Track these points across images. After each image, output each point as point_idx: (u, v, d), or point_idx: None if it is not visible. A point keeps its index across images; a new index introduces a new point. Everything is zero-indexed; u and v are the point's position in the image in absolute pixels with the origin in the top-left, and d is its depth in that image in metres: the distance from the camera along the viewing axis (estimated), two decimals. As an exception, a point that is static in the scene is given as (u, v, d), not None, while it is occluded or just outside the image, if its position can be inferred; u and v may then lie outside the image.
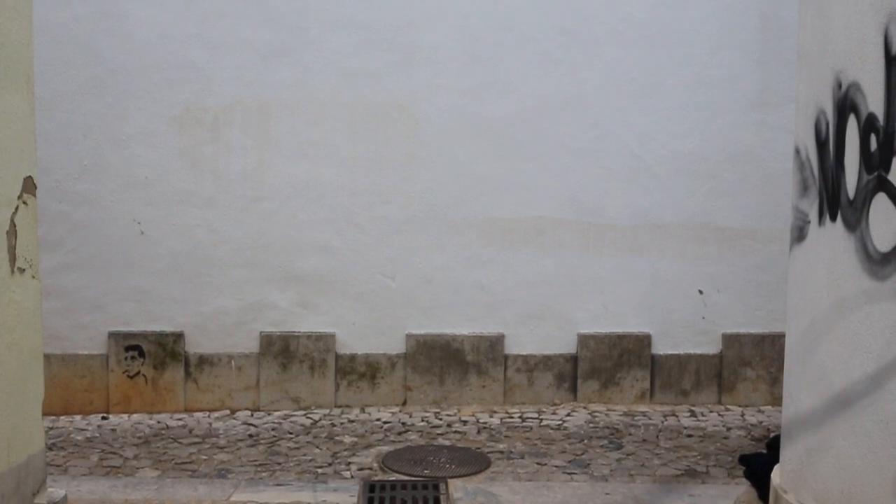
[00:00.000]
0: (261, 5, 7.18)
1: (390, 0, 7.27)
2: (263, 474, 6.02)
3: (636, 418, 7.24)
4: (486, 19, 7.32)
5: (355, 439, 6.74)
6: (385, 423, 7.12)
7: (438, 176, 7.38)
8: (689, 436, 6.90)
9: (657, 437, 6.87)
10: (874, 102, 3.56)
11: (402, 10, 7.28)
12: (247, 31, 7.18)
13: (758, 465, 5.55)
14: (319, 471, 6.11)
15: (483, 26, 7.32)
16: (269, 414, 7.26)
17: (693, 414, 7.38)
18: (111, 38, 6.94)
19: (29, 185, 4.79)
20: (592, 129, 7.42)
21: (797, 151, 4.48)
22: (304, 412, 7.27)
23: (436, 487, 5.80)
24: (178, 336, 7.29)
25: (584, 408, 7.45)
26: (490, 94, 7.37)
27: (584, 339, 7.55)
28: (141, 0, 6.98)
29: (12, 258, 4.60)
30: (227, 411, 7.33)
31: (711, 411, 7.45)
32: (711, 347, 7.61)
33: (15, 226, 4.63)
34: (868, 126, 3.62)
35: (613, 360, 7.55)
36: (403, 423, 7.11)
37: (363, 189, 7.35)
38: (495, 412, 7.37)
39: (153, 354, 7.27)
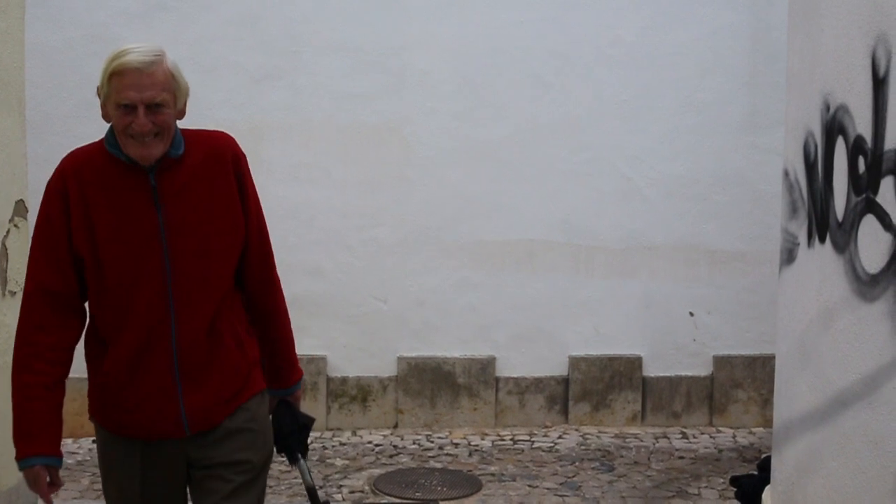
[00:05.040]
0: (253, 29, 7.21)
1: (382, 23, 7.30)
2: (254, 497, 6.00)
3: (627, 440, 7.24)
4: (478, 42, 7.34)
5: (347, 462, 6.73)
6: (376, 445, 7.11)
7: (430, 198, 7.39)
8: (681, 457, 6.89)
9: (649, 458, 6.87)
10: (862, 124, 3.58)
11: (393, 34, 7.31)
12: (239, 54, 7.20)
13: (749, 486, 5.56)
14: (311, 494, 6.08)
15: (474, 49, 7.35)
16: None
17: (684, 436, 7.38)
18: (102, 61, 6.95)
19: (20, 209, 4.80)
20: (583, 151, 7.44)
21: (786, 174, 4.50)
22: (295, 435, 7.24)
23: (427, 510, 5.80)
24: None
25: (576, 430, 7.44)
26: (481, 117, 7.39)
27: (575, 362, 7.55)
28: (132, 23, 7.00)
29: (3, 281, 4.60)
30: (219, 434, 7.30)
31: (703, 433, 7.45)
32: (703, 369, 7.61)
33: (6, 249, 4.64)
34: (856, 148, 3.64)
35: (605, 382, 7.55)
36: (395, 446, 7.09)
37: (355, 211, 7.36)
38: (487, 435, 7.36)
39: (144, 377, 7.24)
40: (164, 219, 3.14)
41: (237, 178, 3.28)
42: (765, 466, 5.29)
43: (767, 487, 4.79)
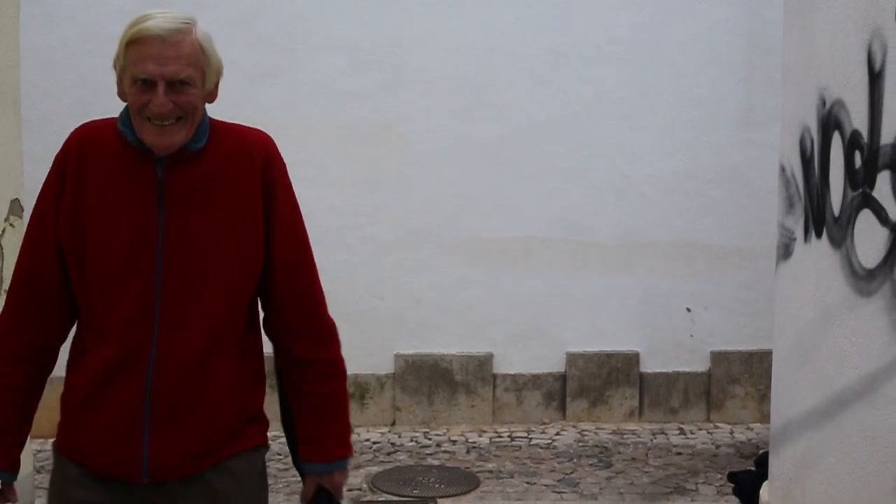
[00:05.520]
0: (249, 27, 7.20)
1: (379, 21, 7.30)
2: (253, 495, 5.99)
3: (625, 436, 7.24)
4: (476, 40, 7.34)
5: (345, 460, 6.72)
6: (374, 443, 7.11)
7: (428, 196, 7.39)
8: (679, 453, 6.89)
9: (646, 455, 6.87)
10: (858, 119, 3.58)
11: (391, 32, 7.30)
12: (235, 52, 7.17)
13: (747, 482, 5.57)
14: (309, 492, 6.08)
15: (472, 47, 7.34)
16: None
17: (682, 432, 7.38)
18: (98, 59, 6.87)
19: (16, 208, 4.80)
20: (580, 148, 7.44)
21: (783, 169, 4.50)
22: (293, 433, 7.24)
23: (425, 507, 5.80)
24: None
25: (573, 426, 7.44)
26: (479, 115, 7.39)
27: (572, 358, 7.55)
28: (128, 21, 6.99)
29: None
30: (217, 433, 7.30)
31: (700, 429, 7.44)
32: (700, 365, 7.61)
33: (2, 248, 4.63)
34: (852, 143, 3.64)
35: (602, 378, 7.55)
36: (392, 444, 7.09)
37: (352, 210, 7.35)
38: (484, 431, 7.36)
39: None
40: (164, 222, 2.61)
41: (265, 189, 2.73)
42: (762, 462, 5.29)
43: (765, 483, 4.79)
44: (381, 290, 7.42)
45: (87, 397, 2.68)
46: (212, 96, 2.74)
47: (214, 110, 2.84)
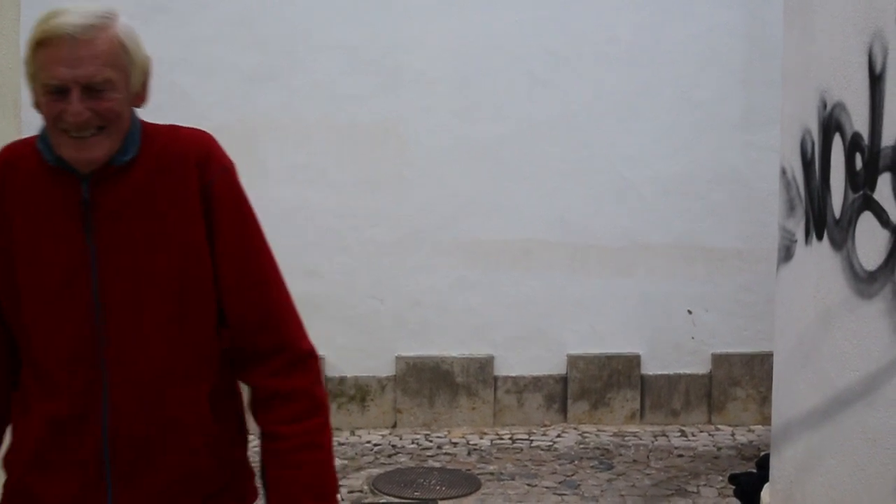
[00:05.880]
0: (247, 29, 7.19)
1: (378, 22, 7.29)
2: (253, 498, 5.99)
3: (626, 439, 7.24)
4: (474, 41, 7.34)
5: (346, 462, 6.72)
6: (375, 445, 7.10)
7: (427, 198, 7.38)
8: (680, 456, 6.89)
9: (647, 457, 6.86)
10: (859, 121, 3.58)
11: (390, 33, 7.30)
12: (234, 55, 7.19)
13: (748, 484, 5.55)
14: (309, 494, 6.08)
15: (471, 48, 7.34)
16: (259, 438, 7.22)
17: (683, 434, 7.37)
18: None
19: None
20: (580, 150, 7.43)
21: (783, 171, 4.50)
22: (293, 435, 7.22)
23: (426, 510, 5.80)
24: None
25: (575, 429, 7.44)
26: (478, 116, 7.38)
27: (573, 360, 7.54)
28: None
29: None
30: (217, 435, 7.29)
31: (702, 431, 7.44)
32: (701, 367, 7.60)
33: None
34: (853, 145, 3.63)
35: (603, 380, 7.54)
36: (394, 446, 7.09)
37: (351, 212, 7.35)
38: (485, 434, 7.35)
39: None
40: (95, 248, 2.23)
41: (204, 194, 2.29)
42: (763, 464, 5.28)
43: (766, 485, 4.78)
44: (381, 292, 7.41)
45: (37, 458, 2.30)
46: (140, 99, 2.31)
47: (214, 114, 2.79)
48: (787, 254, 4.41)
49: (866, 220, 3.53)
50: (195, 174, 2.28)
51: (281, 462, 2.35)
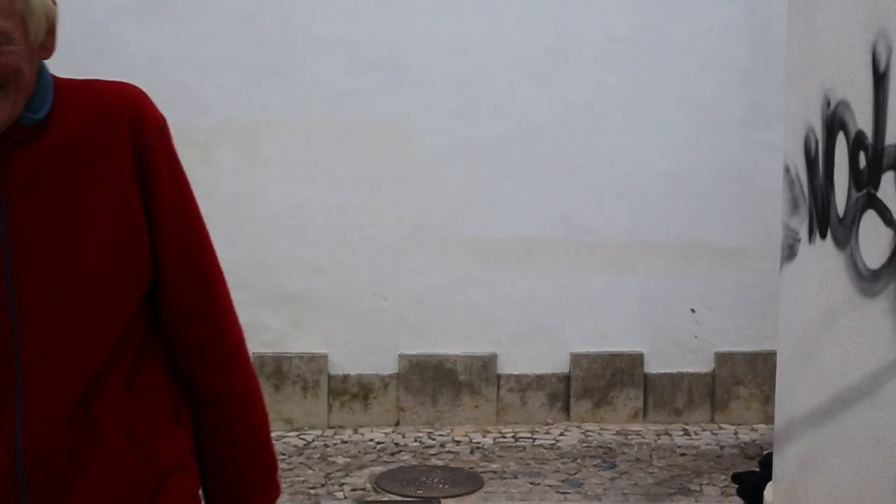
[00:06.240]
0: (250, 27, 7.19)
1: (380, 20, 7.28)
2: (256, 496, 5.99)
3: (629, 437, 7.23)
4: (476, 40, 7.33)
5: (348, 460, 6.72)
6: (378, 443, 7.10)
7: (429, 196, 7.38)
8: (683, 454, 6.89)
9: (650, 455, 6.86)
10: (863, 120, 3.57)
11: (392, 31, 7.29)
12: (236, 52, 7.19)
13: (751, 482, 5.55)
14: (312, 492, 6.09)
15: (473, 47, 7.33)
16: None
17: (686, 432, 7.36)
18: (101, 59, 6.93)
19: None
20: (582, 148, 7.42)
21: (787, 169, 4.49)
22: (296, 433, 7.24)
23: (429, 508, 5.79)
24: (170, 358, 7.24)
25: (578, 427, 7.43)
26: (480, 114, 7.38)
27: (576, 359, 7.53)
28: (131, 22, 6.99)
29: None
30: (219, 433, 7.29)
31: (705, 430, 7.43)
32: (704, 366, 7.60)
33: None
34: (857, 143, 3.63)
35: (606, 379, 7.54)
36: (396, 444, 7.09)
37: (354, 209, 7.34)
38: (488, 432, 7.35)
39: (144, 377, 7.22)
40: (7, 226, 1.90)
41: (138, 161, 1.99)
42: (766, 463, 5.28)
43: (769, 484, 4.78)
44: (384, 290, 7.41)
45: None
46: (46, 50, 2.07)
47: (216, 109, 2.75)
48: (790, 252, 4.41)
49: (870, 219, 3.53)
50: (128, 135, 1.99)
51: (222, 465, 2.19)
